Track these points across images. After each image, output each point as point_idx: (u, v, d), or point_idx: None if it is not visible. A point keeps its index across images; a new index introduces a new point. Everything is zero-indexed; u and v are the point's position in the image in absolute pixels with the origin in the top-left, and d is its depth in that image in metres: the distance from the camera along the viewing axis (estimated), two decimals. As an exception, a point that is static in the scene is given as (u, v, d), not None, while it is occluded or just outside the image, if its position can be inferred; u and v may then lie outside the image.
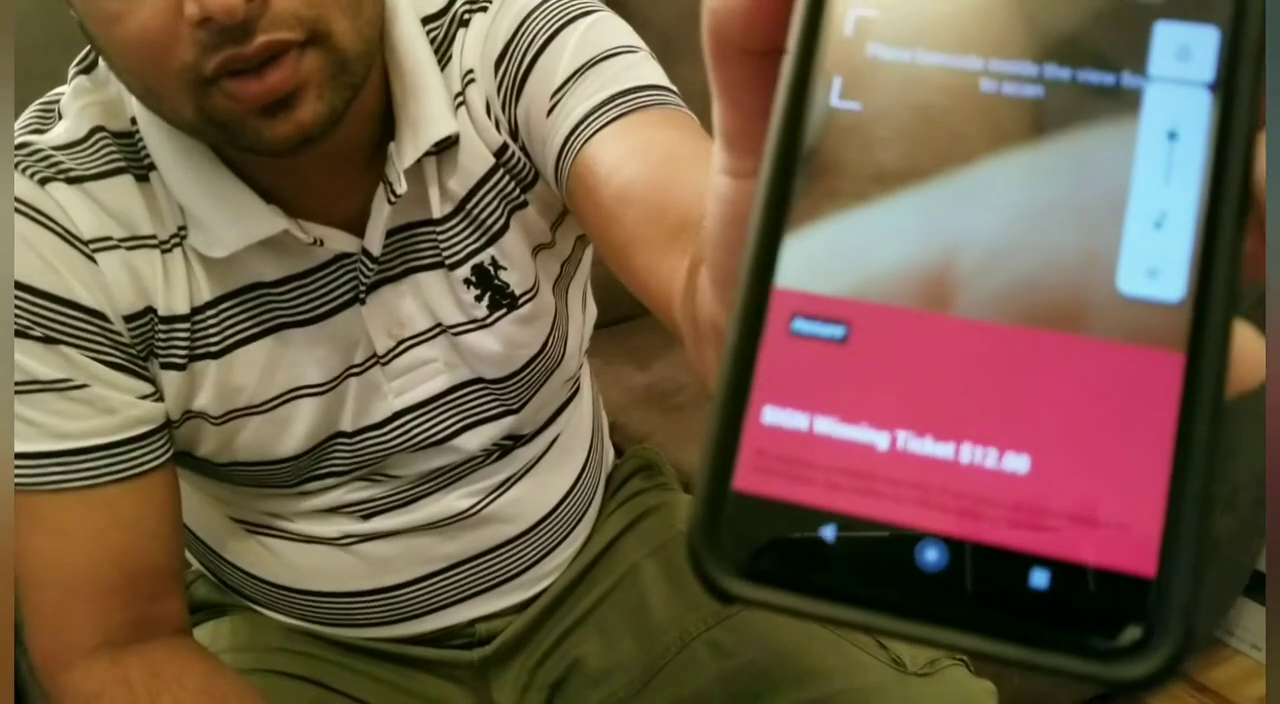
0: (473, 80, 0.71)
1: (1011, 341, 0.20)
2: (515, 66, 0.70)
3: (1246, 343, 0.20)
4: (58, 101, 0.70)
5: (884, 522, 0.20)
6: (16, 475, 0.66)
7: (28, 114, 0.71)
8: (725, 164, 0.25)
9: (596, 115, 0.65)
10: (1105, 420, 0.19)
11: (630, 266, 0.60)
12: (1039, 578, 0.19)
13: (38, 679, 0.71)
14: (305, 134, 0.60)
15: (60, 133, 0.68)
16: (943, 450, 0.20)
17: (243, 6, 0.55)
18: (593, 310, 0.90)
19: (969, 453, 0.20)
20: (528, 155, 0.72)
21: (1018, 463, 0.19)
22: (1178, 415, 0.19)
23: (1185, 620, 0.18)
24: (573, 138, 0.66)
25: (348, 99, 0.62)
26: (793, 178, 0.21)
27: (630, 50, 0.69)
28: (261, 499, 0.81)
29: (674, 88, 0.68)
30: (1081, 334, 0.20)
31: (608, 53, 0.68)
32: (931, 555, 0.19)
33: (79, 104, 0.69)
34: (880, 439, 0.20)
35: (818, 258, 0.21)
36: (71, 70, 0.71)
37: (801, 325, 0.21)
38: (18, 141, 0.67)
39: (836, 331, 0.21)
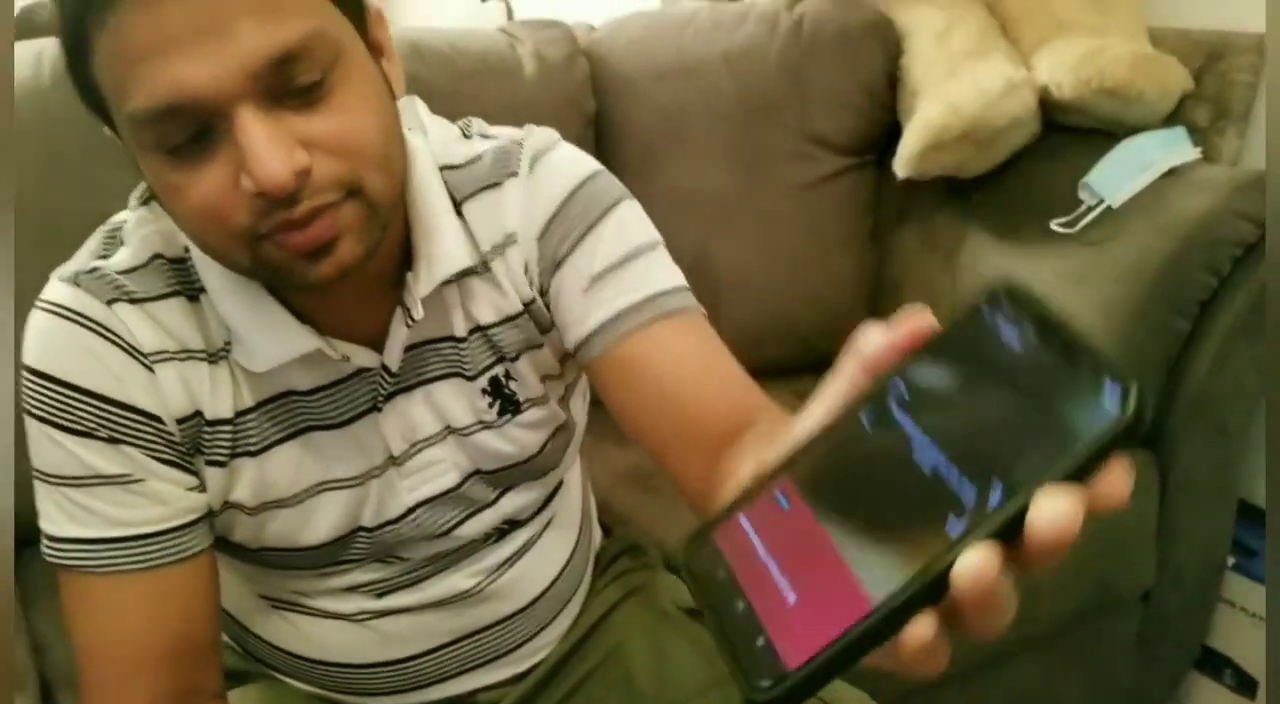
0: (515, 242, 0.80)
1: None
2: (555, 247, 0.80)
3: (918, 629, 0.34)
4: (120, 228, 0.78)
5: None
6: (79, 558, 0.73)
7: (95, 240, 0.78)
8: None
9: (627, 316, 0.77)
10: (828, 594, 0.36)
11: (664, 460, 0.78)
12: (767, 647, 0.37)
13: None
14: (344, 272, 0.68)
15: (124, 258, 0.76)
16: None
17: (292, 183, 0.62)
18: (589, 403, 0.97)
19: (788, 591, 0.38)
20: (550, 311, 0.82)
21: (791, 597, 0.37)
22: (859, 617, 0.35)
23: (794, 691, 0.35)
24: (603, 330, 0.78)
25: (379, 239, 0.70)
26: None
27: (652, 247, 0.81)
28: (287, 579, 0.88)
29: (687, 283, 0.81)
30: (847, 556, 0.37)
31: (636, 251, 0.80)
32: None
33: (141, 233, 0.77)
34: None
35: None
36: (133, 200, 0.80)
37: None
38: (89, 266, 0.75)
39: None
